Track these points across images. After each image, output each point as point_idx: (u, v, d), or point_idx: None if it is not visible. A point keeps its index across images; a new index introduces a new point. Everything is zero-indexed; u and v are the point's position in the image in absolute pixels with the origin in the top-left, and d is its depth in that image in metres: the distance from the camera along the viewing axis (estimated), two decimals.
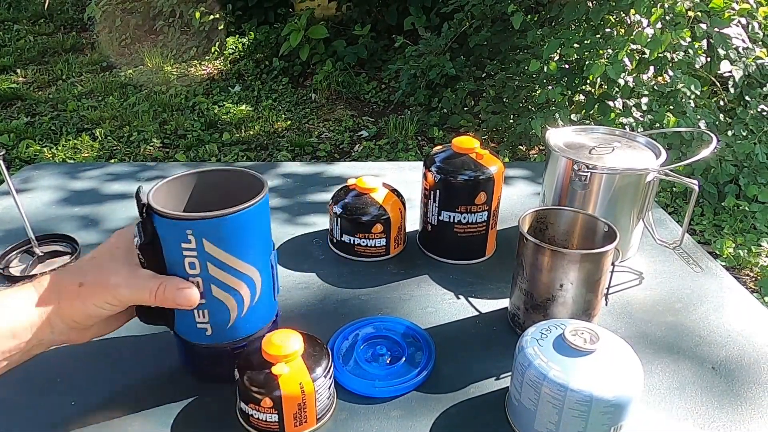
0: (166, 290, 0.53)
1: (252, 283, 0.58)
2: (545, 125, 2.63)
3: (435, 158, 0.84)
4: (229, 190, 0.58)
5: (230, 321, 0.58)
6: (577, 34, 2.68)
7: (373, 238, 0.85)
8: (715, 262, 0.90)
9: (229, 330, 0.59)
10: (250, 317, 0.60)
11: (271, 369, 0.55)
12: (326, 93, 3.92)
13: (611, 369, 0.54)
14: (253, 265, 0.57)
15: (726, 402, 0.63)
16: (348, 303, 0.78)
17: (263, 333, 0.62)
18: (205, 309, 0.57)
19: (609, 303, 0.76)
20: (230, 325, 0.58)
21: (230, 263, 0.55)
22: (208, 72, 4.38)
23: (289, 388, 0.55)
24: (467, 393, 0.64)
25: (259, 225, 0.57)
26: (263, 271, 0.59)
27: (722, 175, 2.56)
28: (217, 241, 0.54)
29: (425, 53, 3.50)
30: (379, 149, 3.25)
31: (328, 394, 0.58)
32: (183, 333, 0.61)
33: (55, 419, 0.59)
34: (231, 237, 0.54)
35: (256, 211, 0.56)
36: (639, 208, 0.85)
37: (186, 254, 0.54)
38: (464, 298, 0.79)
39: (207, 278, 0.55)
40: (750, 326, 0.75)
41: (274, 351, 0.55)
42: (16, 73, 4.37)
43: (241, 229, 0.55)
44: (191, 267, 0.55)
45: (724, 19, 2.50)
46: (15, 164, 2.99)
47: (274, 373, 0.55)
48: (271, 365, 0.55)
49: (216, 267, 0.55)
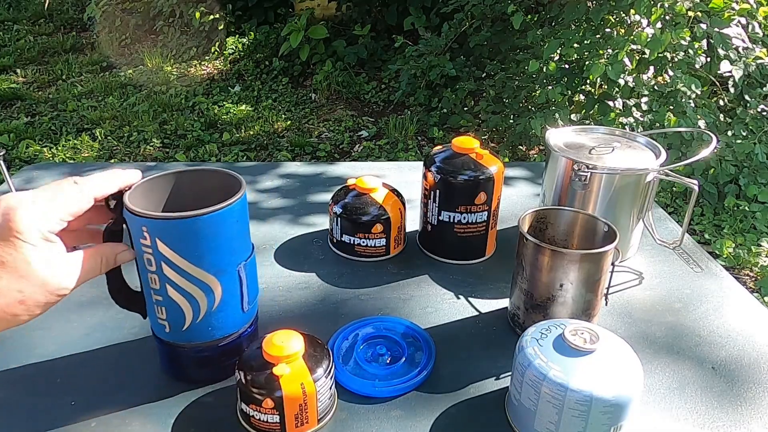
0: (105, 263, 0.52)
1: (209, 291, 0.56)
2: (545, 125, 2.63)
3: (435, 158, 0.84)
4: (211, 192, 0.56)
5: (186, 323, 0.57)
6: (577, 34, 2.68)
7: (373, 238, 0.85)
8: (715, 262, 0.90)
9: (185, 332, 0.58)
10: (209, 324, 0.58)
11: (272, 370, 0.55)
12: (326, 93, 3.92)
13: (611, 369, 0.54)
14: (211, 273, 0.55)
15: (726, 402, 0.63)
16: (348, 303, 0.78)
17: (229, 341, 0.61)
18: (162, 306, 0.57)
19: (609, 303, 0.76)
20: (186, 327, 0.58)
21: (184, 267, 0.54)
22: (208, 72, 4.38)
23: (290, 389, 0.54)
24: (467, 393, 0.64)
25: (219, 233, 0.55)
26: (225, 280, 0.57)
27: (722, 175, 2.56)
28: (169, 242, 0.53)
29: (425, 53, 3.50)
30: (379, 149, 3.25)
31: (329, 394, 0.58)
32: (151, 323, 0.61)
33: (55, 419, 0.59)
34: (185, 241, 0.53)
35: (213, 220, 0.53)
36: (639, 208, 0.85)
37: (144, 250, 0.54)
38: (464, 298, 0.79)
39: (162, 277, 0.55)
40: (750, 326, 0.75)
41: (275, 352, 0.55)
42: (16, 73, 4.37)
43: (197, 236, 0.53)
44: (148, 263, 0.54)
45: (724, 19, 2.50)
46: (15, 164, 2.99)
47: (275, 373, 0.54)
48: (272, 366, 0.55)
49: (170, 268, 0.54)
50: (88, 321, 0.73)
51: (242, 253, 0.58)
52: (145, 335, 0.71)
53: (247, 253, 0.59)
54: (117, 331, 0.72)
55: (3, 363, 0.66)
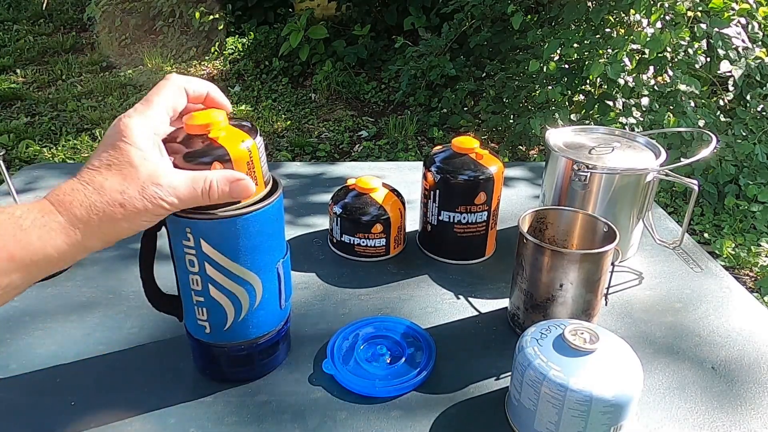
0: (212, 190, 0.49)
1: (251, 289, 0.57)
2: (545, 125, 2.63)
3: (435, 158, 0.84)
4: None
5: (227, 323, 0.58)
6: (577, 34, 2.68)
7: (373, 238, 0.85)
8: (715, 262, 0.90)
9: (226, 332, 0.58)
10: (250, 322, 0.59)
11: (209, 135, 0.51)
12: (326, 93, 3.92)
13: (611, 369, 0.54)
14: (253, 271, 0.56)
15: (726, 402, 0.63)
16: (348, 303, 0.78)
17: (266, 339, 0.61)
18: (203, 307, 0.57)
19: (609, 303, 0.76)
20: (227, 327, 0.58)
21: (227, 266, 0.54)
22: (207, 72, 4.38)
23: (234, 152, 0.51)
24: (467, 393, 0.64)
25: (262, 231, 0.55)
26: (266, 278, 0.57)
27: (722, 175, 2.56)
28: (213, 242, 0.53)
29: (425, 54, 3.50)
30: (378, 149, 3.25)
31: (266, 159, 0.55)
32: (188, 325, 0.61)
33: (55, 419, 0.59)
34: (228, 240, 0.53)
35: (256, 218, 0.54)
36: (639, 208, 0.85)
37: (186, 251, 0.54)
38: (464, 298, 0.79)
39: (205, 278, 0.55)
40: (750, 326, 0.75)
41: (200, 120, 0.51)
42: (16, 73, 4.37)
43: (240, 234, 0.53)
44: (191, 264, 0.54)
45: (724, 19, 2.50)
46: (15, 164, 2.99)
47: (212, 137, 0.51)
48: (206, 134, 0.51)
49: (213, 268, 0.54)
50: (88, 321, 0.73)
51: (280, 250, 0.59)
52: (145, 335, 0.71)
53: (283, 250, 0.60)
54: (117, 331, 0.72)
55: (3, 363, 0.66)
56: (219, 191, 0.49)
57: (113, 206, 0.44)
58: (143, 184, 0.45)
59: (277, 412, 0.60)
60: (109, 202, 0.44)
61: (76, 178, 0.45)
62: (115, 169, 0.45)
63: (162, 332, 0.71)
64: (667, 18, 2.55)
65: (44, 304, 0.76)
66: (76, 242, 0.44)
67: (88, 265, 0.85)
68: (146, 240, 0.55)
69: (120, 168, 0.45)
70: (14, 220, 0.42)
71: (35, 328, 0.72)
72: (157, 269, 0.58)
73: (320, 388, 0.63)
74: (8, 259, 0.42)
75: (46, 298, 0.77)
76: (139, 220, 0.46)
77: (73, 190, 0.44)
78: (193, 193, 0.48)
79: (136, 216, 0.46)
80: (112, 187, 0.45)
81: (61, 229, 0.43)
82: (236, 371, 0.63)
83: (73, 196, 0.44)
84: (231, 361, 0.62)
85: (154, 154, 0.47)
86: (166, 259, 0.57)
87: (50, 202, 0.44)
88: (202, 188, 0.48)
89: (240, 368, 0.63)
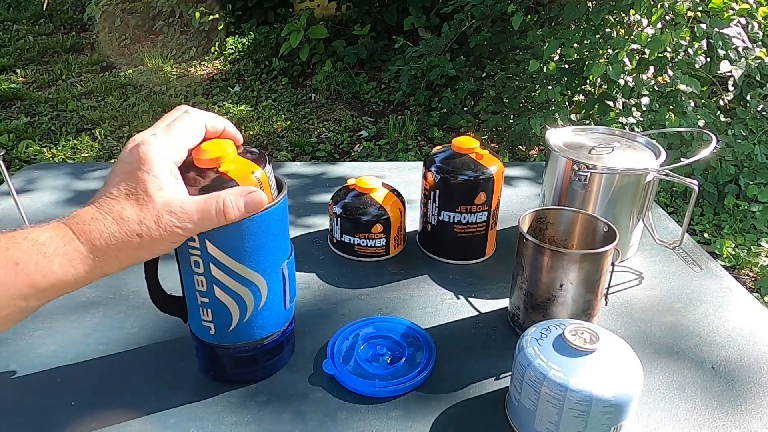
0: (227, 208, 0.50)
1: (256, 290, 0.57)
2: (545, 125, 2.63)
3: (435, 158, 0.84)
4: None
5: (232, 324, 0.58)
6: (577, 34, 2.68)
7: (373, 238, 0.85)
8: (715, 262, 0.90)
9: (231, 333, 0.58)
10: (255, 323, 0.59)
11: (219, 169, 0.51)
12: (326, 93, 3.92)
13: (611, 369, 0.54)
14: (258, 272, 0.56)
15: (726, 402, 0.63)
16: (348, 303, 0.78)
17: (271, 341, 0.61)
18: (208, 308, 0.57)
19: (609, 303, 0.76)
20: (232, 328, 0.58)
21: (232, 267, 0.54)
22: (207, 72, 4.38)
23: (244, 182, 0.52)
24: (467, 393, 0.64)
25: (267, 232, 0.55)
26: (270, 279, 0.57)
27: (722, 175, 2.56)
28: (219, 243, 0.53)
29: (425, 54, 3.50)
30: (378, 149, 3.25)
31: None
32: (192, 326, 0.61)
33: (55, 419, 0.59)
34: (233, 241, 0.53)
35: (262, 219, 0.54)
36: (639, 208, 0.85)
37: (191, 252, 0.54)
38: (464, 298, 0.79)
39: (209, 278, 0.55)
40: (750, 326, 0.75)
41: (211, 154, 0.51)
42: (16, 73, 4.37)
43: (245, 235, 0.54)
44: (196, 265, 0.54)
45: (724, 19, 2.50)
46: (15, 164, 2.99)
47: (222, 170, 0.51)
48: (217, 167, 0.52)
49: (218, 269, 0.54)
50: (88, 321, 0.73)
51: (285, 251, 0.59)
52: (145, 335, 0.71)
53: (288, 251, 0.60)
54: (117, 331, 0.72)
55: (3, 363, 0.66)
56: (235, 208, 0.50)
57: (131, 236, 0.46)
58: (159, 213, 0.47)
59: (277, 412, 0.60)
60: (128, 233, 0.46)
61: (95, 205, 0.46)
62: (132, 199, 0.46)
63: (162, 332, 0.71)
64: (667, 18, 2.55)
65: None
66: (95, 269, 0.46)
67: None
68: None
69: (137, 198, 0.46)
70: (37, 248, 0.44)
71: (35, 328, 0.72)
72: (160, 270, 0.58)
73: (320, 388, 0.63)
74: (30, 286, 0.43)
75: None
76: (156, 248, 0.48)
77: (93, 219, 0.46)
78: (208, 215, 0.49)
79: (153, 245, 0.47)
80: (129, 218, 0.46)
81: (82, 258, 0.45)
82: (241, 372, 0.63)
83: (93, 226, 0.45)
84: (235, 362, 0.62)
85: (169, 182, 0.48)
86: (169, 259, 0.57)
87: (71, 230, 0.45)
88: (216, 208, 0.49)
89: (244, 369, 0.63)
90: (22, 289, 0.43)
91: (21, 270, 0.42)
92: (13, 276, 0.42)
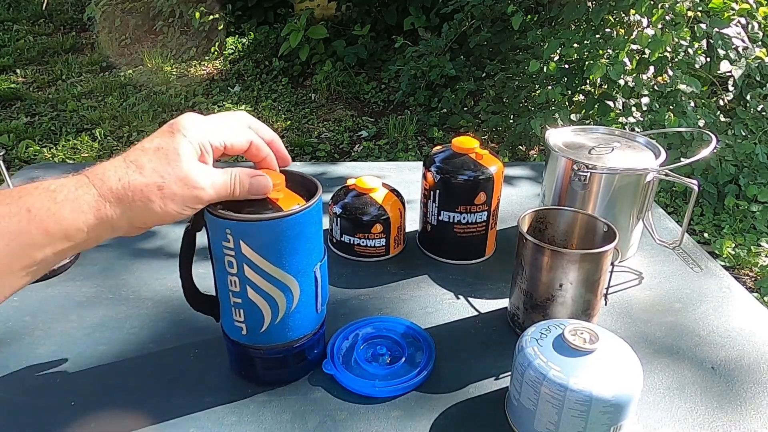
0: (239, 183, 0.51)
1: (289, 292, 0.56)
2: (545, 125, 2.63)
3: (435, 158, 0.84)
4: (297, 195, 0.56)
5: (264, 325, 0.58)
6: (577, 34, 2.68)
7: (372, 238, 0.85)
8: (714, 262, 0.90)
9: (263, 334, 0.58)
10: (286, 325, 0.58)
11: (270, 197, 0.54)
12: (326, 93, 3.92)
13: (611, 369, 0.54)
14: (291, 274, 0.56)
15: (726, 402, 0.63)
16: (348, 303, 0.78)
17: (302, 343, 0.61)
18: (240, 308, 0.57)
19: (609, 303, 0.76)
20: (264, 330, 0.58)
21: (266, 269, 0.54)
22: (207, 72, 4.38)
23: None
24: (467, 393, 0.64)
25: (301, 234, 0.55)
26: (303, 281, 0.57)
27: (722, 175, 2.56)
28: (253, 245, 0.53)
29: (425, 54, 3.50)
30: (378, 149, 3.25)
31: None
32: (224, 326, 0.61)
33: (55, 419, 0.59)
34: (268, 243, 0.53)
35: (297, 220, 0.53)
36: (639, 208, 0.85)
37: (226, 253, 0.54)
38: (464, 298, 0.79)
39: (243, 279, 0.55)
40: (750, 326, 0.75)
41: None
42: (16, 73, 4.37)
43: (279, 237, 0.53)
44: (229, 266, 0.54)
45: (724, 19, 2.50)
46: (15, 164, 2.99)
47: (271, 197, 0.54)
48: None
49: (251, 270, 0.54)
50: (88, 321, 0.73)
51: (318, 254, 0.59)
52: (145, 335, 0.71)
53: (321, 254, 0.59)
54: (117, 331, 0.72)
55: (3, 363, 0.66)
56: (241, 184, 0.51)
57: (151, 187, 0.46)
58: (184, 172, 0.47)
59: (277, 412, 0.60)
60: (148, 183, 0.46)
61: (122, 156, 0.47)
62: (161, 153, 0.47)
63: (162, 332, 0.71)
64: (667, 18, 2.55)
65: (44, 304, 0.76)
66: (105, 218, 0.45)
67: (88, 264, 0.85)
68: (186, 240, 0.56)
69: (167, 153, 0.47)
70: (48, 194, 0.43)
71: (35, 328, 0.72)
72: (194, 270, 0.58)
73: (320, 388, 0.63)
74: (43, 233, 0.43)
75: (46, 298, 0.77)
76: (172, 205, 0.47)
77: (115, 167, 0.46)
78: (225, 186, 0.50)
79: (171, 201, 0.47)
80: (154, 169, 0.46)
81: (92, 202, 0.45)
82: (271, 373, 0.63)
83: (113, 173, 0.46)
84: (266, 364, 0.62)
85: (198, 150, 0.49)
86: (204, 260, 0.57)
87: (86, 176, 0.45)
88: (233, 180, 0.50)
89: (275, 371, 0.63)
90: (36, 237, 0.42)
91: (34, 216, 0.42)
92: (27, 223, 0.42)
